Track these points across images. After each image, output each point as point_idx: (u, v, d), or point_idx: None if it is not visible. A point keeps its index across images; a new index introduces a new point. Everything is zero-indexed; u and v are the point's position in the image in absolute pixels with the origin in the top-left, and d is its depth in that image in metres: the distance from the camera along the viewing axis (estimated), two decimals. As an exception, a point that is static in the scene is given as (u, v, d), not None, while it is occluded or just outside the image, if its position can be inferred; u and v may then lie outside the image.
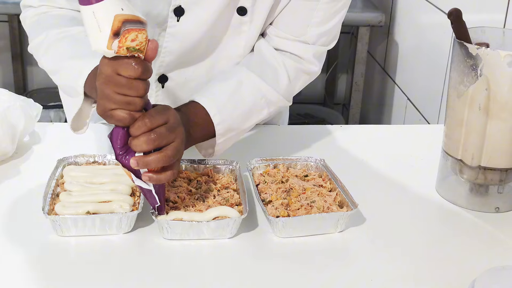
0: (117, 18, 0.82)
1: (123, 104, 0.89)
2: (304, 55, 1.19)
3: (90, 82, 1.00)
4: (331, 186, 1.09)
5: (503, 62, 1.01)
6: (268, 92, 1.16)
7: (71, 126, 1.07)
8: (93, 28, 0.84)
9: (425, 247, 1.01)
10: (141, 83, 0.88)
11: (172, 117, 0.94)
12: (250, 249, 0.97)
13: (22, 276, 0.88)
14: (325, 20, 1.17)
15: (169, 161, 0.91)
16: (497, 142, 1.06)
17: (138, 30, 0.84)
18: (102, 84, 0.89)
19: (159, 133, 0.90)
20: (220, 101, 1.10)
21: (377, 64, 2.85)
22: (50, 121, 2.86)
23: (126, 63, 0.87)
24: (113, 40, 0.84)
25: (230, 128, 1.11)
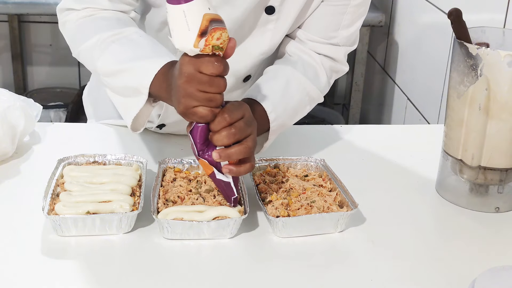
0: (205, 17, 0.86)
1: (205, 101, 0.92)
2: (336, 57, 1.26)
3: (157, 83, 1.02)
4: (331, 186, 1.09)
5: (503, 62, 1.01)
6: (311, 89, 1.21)
7: (131, 126, 1.09)
8: (181, 26, 0.87)
9: (425, 247, 1.01)
10: (222, 80, 0.93)
11: (247, 112, 0.98)
12: (250, 249, 0.97)
13: (22, 276, 0.88)
14: (352, 23, 1.23)
15: (250, 152, 0.96)
16: (497, 142, 1.06)
17: (222, 29, 0.89)
18: (185, 83, 0.92)
19: (238, 127, 0.95)
20: (274, 99, 1.14)
21: (377, 64, 2.85)
22: (50, 121, 2.86)
23: (208, 61, 0.91)
24: (200, 39, 0.88)
25: (282, 124, 1.16)
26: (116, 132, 1.34)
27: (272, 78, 1.19)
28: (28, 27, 3.17)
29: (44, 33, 3.18)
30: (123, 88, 1.09)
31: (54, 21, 3.11)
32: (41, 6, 2.60)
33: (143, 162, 1.11)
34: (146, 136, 1.32)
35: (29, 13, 2.65)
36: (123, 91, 1.09)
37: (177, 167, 1.11)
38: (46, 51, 3.22)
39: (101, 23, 1.13)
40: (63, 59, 3.21)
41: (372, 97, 2.93)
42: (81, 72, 3.25)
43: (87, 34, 1.13)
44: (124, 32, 1.11)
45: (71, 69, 3.23)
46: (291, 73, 1.20)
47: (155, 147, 1.29)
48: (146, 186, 1.04)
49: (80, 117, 2.93)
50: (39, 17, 3.10)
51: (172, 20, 0.88)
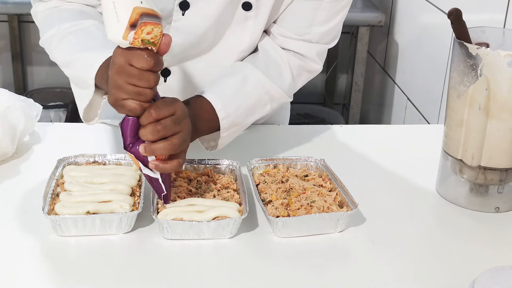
0: (136, 10, 0.86)
1: (134, 95, 0.92)
2: (307, 54, 1.22)
3: (101, 74, 1.03)
4: (331, 186, 1.09)
5: (503, 62, 1.01)
6: (272, 88, 1.19)
7: (82, 117, 1.10)
8: (111, 17, 0.87)
9: (425, 247, 1.01)
10: (152, 75, 0.91)
11: (179, 109, 0.96)
12: (250, 249, 0.97)
13: (22, 276, 0.88)
14: (328, 19, 1.20)
15: (175, 149, 0.95)
16: (497, 142, 1.06)
17: (154, 24, 0.88)
18: (115, 74, 0.92)
19: (164, 124, 0.93)
20: (226, 97, 1.13)
21: (377, 64, 2.85)
22: (50, 121, 2.86)
23: (139, 54, 0.90)
24: (129, 31, 0.87)
25: (234, 122, 1.14)
26: (116, 132, 1.34)
27: (227, 75, 1.18)
28: (28, 27, 3.17)
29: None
30: (75, 78, 1.12)
31: (54, 21, 3.11)
32: (41, 6, 2.60)
33: (143, 162, 1.10)
34: (146, 136, 1.32)
35: (29, 13, 2.63)
36: (77, 81, 1.12)
37: (177, 167, 1.11)
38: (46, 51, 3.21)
39: (63, 15, 1.17)
40: (63, 59, 3.21)
41: (372, 97, 2.93)
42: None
43: (49, 24, 1.17)
44: (82, 24, 1.14)
45: (71, 69, 3.23)
46: (250, 70, 1.18)
47: (155, 147, 1.29)
48: (146, 186, 1.04)
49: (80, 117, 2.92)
50: (39, 17, 3.09)
51: (104, 10, 0.88)
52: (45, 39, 1.18)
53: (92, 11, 1.20)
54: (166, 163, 0.95)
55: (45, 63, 3.25)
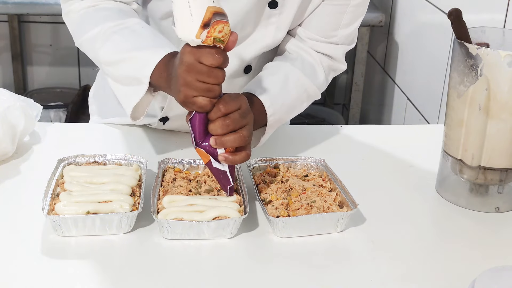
0: (209, 9, 0.89)
1: (204, 91, 0.95)
2: (335, 55, 1.28)
3: (157, 73, 1.04)
4: (331, 186, 1.09)
5: (503, 62, 1.01)
6: (309, 86, 1.24)
7: (131, 115, 1.11)
8: (185, 17, 0.90)
9: (425, 247, 1.01)
10: (221, 72, 0.96)
11: (244, 103, 1.01)
12: (250, 249, 0.97)
13: (22, 276, 0.88)
14: (351, 22, 1.25)
15: (244, 141, 0.99)
16: (497, 142, 1.06)
17: (224, 23, 0.92)
18: (184, 72, 0.95)
19: (233, 118, 0.98)
20: (272, 94, 1.16)
21: (377, 64, 2.85)
22: (50, 121, 2.86)
23: (208, 52, 0.93)
24: (203, 30, 0.90)
25: (279, 119, 1.18)
26: (116, 132, 1.34)
27: (271, 74, 1.21)
28: (28, 27, 3.17)
29: (44, 33, 3.18)
30: (124, 77, 1.12)
31: (54, 21, 3.12)
32: (41, 6, 2.60)
33: (143, 162, 1.11)
34: (146, 136, 1.32)
35: (29, 13, 2.65)
36: (124, 80, 1.12)
37: (177, 167, 1.11)
38: (46, 51, 3.22)
39: (103, 14, 1.16)
40: (63, 59, 3.21)
41: (372, 97, 2.93)
42: (81, 72, 3.25)
43: (90, 24, 1.16)
44: (126, 22, 1.14)
45: (71, 69, 3.23)
46: (290, 69, 1.22)
47: (155, 147, 1.29)
48: (146, 186, 1.04)
49: (80, 117, 2.93)
50: (39, 17, 3.10)
51: (176, 9, 0.91)
52: (86, 39, 1.16)
53: (129, 9, 1.20)
54: (235, 155, 0.99)
55: (45, 63, 3.25)
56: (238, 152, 1.00)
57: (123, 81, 1.12)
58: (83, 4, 1.18)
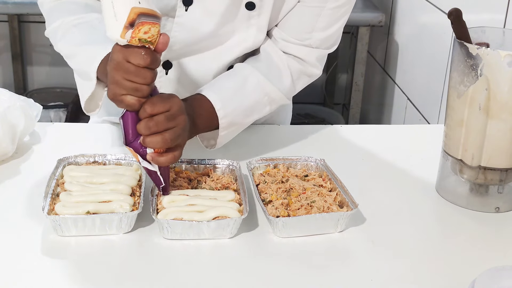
0: (133, 10, 0.89)
1: (132, 90, 0.95)
2: (307, 59, 1.25)
3: (103, 68, 1.06)
4: (331, 186, 1.09)
5: (503, 62, 1.01)
6: (272, 90, 1.21)
7: (84, 107, 1.13)
8: (110, 16, 0.90)
9: (425, 247, 1.01)
10: (149, 72, 0.94)
11: (175, 105, 0.99)
12: (250, 249, 0.97)
13: (22, 276, 0.88)
14: (329, 25, 1.22)
15: (166, 144, 0.97)
16: (497, 142, 1.06)
17: (151, 24, 0.91)
18: (113, 70, 0.95)
19: (156, 120, 0.96)
20: (226, 96, 1.15)
21: (377, 64, 2.85)
22: (50, 121, 2.86)
23: (136, 52, 0.93)
24: (127, 30, 0.90)
25: (233, 122, 1.16)
26: (116, 132, 1.34)
27: (229, 76, 1.21)
28: (28, 27, 3.17)
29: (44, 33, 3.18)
30: (78, 70, 1.16)
31: (54, 21, 3.11)
32: (41, 6, 2.60)
33: (143, 162, 1.11)
34: (146, 136, 1.32)
35: (29, 13, 2.65)
36: (80, 73, 1.16)
37: (177, 167, 1.11)
38: (46, 51, 3.22)
39: (68, 7, 1.20)
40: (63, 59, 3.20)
41: (372, 97, 2.93)
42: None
43: (55, 16, 1.20)
44: (86, 17, 1.17)
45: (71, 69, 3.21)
46: (250, 72, 1.21)
47: (155, 147, 1.29)
48: (146, 186, 1.05)
49: (80, 117, 2.92)
50: (39, 17, 3.07)
51: (103, 8, 0.91)
52: (50, 30, 1.22)
53: (97, 4, 1.22)
54: (161, 155, 0.98)
55: (45, 63, 3.25)
56: (165, 153, 0.99)
57: (80, 74, 1.16)
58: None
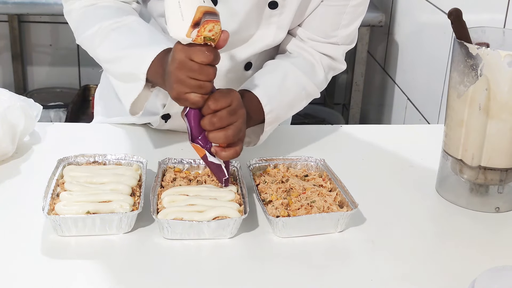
0: (199, 9, 0.91)
1: (196, 88, 0.98)
2: (335, 55, 1.29)
3: (153, 69, 1.07)
4: (331, 186, 1.09)
5: (503, 62, 1.01)
6: (308, 84, 1.25)
7: (129, 110, 1.14)
8: (175, 16, 0.92)
9: (425, 247, 1.01)
10: (211, 69, 0.98)
11: (235, 100, 1.02)
12: (250, 249, 0.97)
13: (22, 276, 0.88)
14: (351, 22, 1.26)
15: (228, 139, 1.01)
16: (497, 142, 1.06)
17: (215, 22, 0.94)
18: (176, 69, 0.97)
19: (219, 116, 1.00)
20: (271, 92, 1.18)
21: (377, 64, 2.85)
22: (50, 121, 2.86)
23: (199, 50, 0.96)
24: (193, 29, 0.93)
25: (277, 117, 1.19)
26: (116, 132, 1.35)
27: (270, 72, 1.23)
28: (28, 27, 3.16)
29: (44, 33, 3.18)
30: (122, 74, 1.14)
31: (54, 21, 3.11)
32: (41, 6, 2.60)
33: (143, 162, 1.11)
34: (147, 136, 1.32)
35: (29, 13, 2.65)
36: (122, 76, 1.14)
37: (177, 167, 1.11)
38: (46, 51, 3.22)
39: (102, 12, 1.19)
40: (63, 59, 3.21)
41: (372, 97, 2.93)
42: (81, 72, 3.25)
43: (89, 22, 1.18)
44: (123, 20, 1.16)
45: (71, 69, 3.23)
46: (288, 67, 1.23)
47: (155, 147, 1.29)
48: (146, 186, 1.05)
49: (80, 117, 2.93)
50: (39, 17, 3.10)
51: (167, 9, 0.93)
52: (85, 37, 1.19)
53: (128, 7, 1.22)
54: (224, 150, 1.02)
55: (45, 63, 3.25)
56: (228, 148, 1.02)
57: (122, 78, 1.14)
58: (83, 3, 1.20)
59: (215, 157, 1.03)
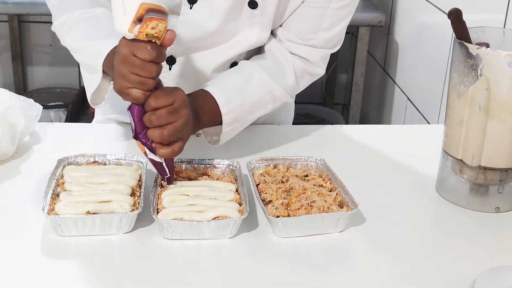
0: (142, 6, 0.91)
1: (137, 84, 0.97)
2: (312, 58, 1.26)
3: (108, 61, 1.08)
4: (331, 186, 1.09)
5: (503, 62, 1.01)
6: (275, 88, 1.23)
7: (90, 100, 1.15)
8: (119, 10, 0.92)
9: (425, 247, 1.01)
10: (154, 66, 0.97)
11: (178, 99, 1.01)
12: (250, 249, 0.97)
13: (22, 276, 0.88)
14: (332, 25, 1.24)
15: (164, 138, 1.00)
16: (497, 142, 1.06)
17: (159, 20, 0.93)
18: (119, 64, 0.98)
19: (158, 115, 0.99)
20: (229, 93, 1.17)
21: (377, 64, 2.85)
22: (50, 121, 2.86)
23: (142, 46, 0.95)
24: (135, 25, 0.92)
25: (237, 118, 1.18)
26: (116, 132, 1.35)
27: (233, 73, 1.22)
28: (28, 27, 3.17)
29: (44, 33, 3.18)
30: (85, 64, 1.17)
31: (54, 21, 3.11)
32: (41, 6, 2.59)
33: (143, 162, 1.11)
34: (146, 136, 1.32)
35: (29, 13, 2.65)
36: (86, 67, 1.17)
37: (177, 167, 1.11)
38: (46, 51, 3.22)
39: (75, 2, 1.22)
40: (63, 59, 3.21)
41: (372, 97, 2.93)
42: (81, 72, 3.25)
43: (62, 11, 1.22)
44: (93, 12, 1.19)
45: (71, 69, 3.23)
46: (255, 69, 1.22)
47: (155, 147, 1.29)
48: (146, 186, 1.05)
49: (80, 117, 2.92)
50: (39, 17, 3.10)
51: (113, 3, 0.93)
52: (57, 24, 1.23)
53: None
54: (162, 147, 1.01)
55: (45, 63, 3.25)
56: (166, 146, 1.02)
57: (86, 68, 1.17)
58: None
59: (155, 154, 1.02)
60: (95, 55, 1.11)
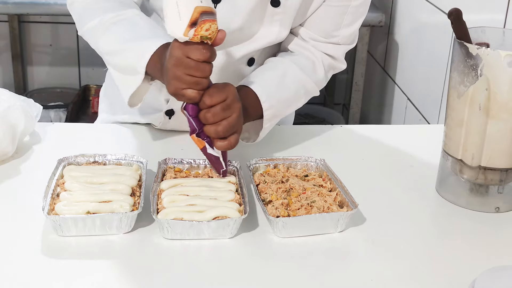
0: (197, 9, 0.94)
1: (192, 84, 1.01)
2: (336, 55, 1.31)
3: (152, 63, 1.09)
4: (331, 186, 1.09)
5: (503, 62, 1.01)
6: (307, 82, 1.27)
7: (128, 102, 1.16)
8: (173, 15, 0.94)
9: (425, 247, 1.01)
10: (208, 66, 1.01)
11: (231, 94, 1.05)
12: (250, 249, 0.97)
13: (22, 276, 0.88)
14: (352, 22, 1.28)
15: (219, 134, 1.04)
16: (497, 142, 1.06)
17: (211, 21, 0.96)
18: (173, 66, 1.00)
19: (213, 112, 1.03)
20: (269, 89, 1.20)
21: (377, 64, 2.85)
22: (50, 121, 2.86)
23: (196, 48, 0.99)
24: (190, 29, 0.95)
25: (276, 114, 1.21)
26: (116, 132, 1.35)
27: (270, 69, 1.25)
28: (28, 27, 3.16)
29: (44, 33, 3.18)
30: (122, 66, 1.16)
31: (54, 21, 3.11)
32: (41, 6, 2.59)
33: (143, 162, 1.11)
34: (147, 136, 1.32)
35: (29, 13, 2.65)
36: (123, 69, 1.16)
37: (177, 167, 1.11)
38: (46, 51, 3.22)
39: (104, 5, 1.21)
40: (63, 59, 3.21)
41: (372, 97, 2.93)
42: (81, 72, 3.25)
43: (91, 15, 1.20)
44: (125, 14, 1.18)
45: (71, 69, 3.23)
46: (289, 65, 1.25)
47: (155, 147, 1.29)
48: (146, 186, 1.05)
49: (80, 117, 2.92)
50: (39, 17, 3.10)
51: (166, 7, 0.95)
52: (87, 29, 1.21)
53: (129, 1, 1.24)
54: (219, 140, 1.05)
55: (45, 63, 3.25)
56: (222, 140, 1.05)
57: (122, 70, 1.17)
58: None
59: (213, 149, 1.05)
60: (137, 57, 1.11)
